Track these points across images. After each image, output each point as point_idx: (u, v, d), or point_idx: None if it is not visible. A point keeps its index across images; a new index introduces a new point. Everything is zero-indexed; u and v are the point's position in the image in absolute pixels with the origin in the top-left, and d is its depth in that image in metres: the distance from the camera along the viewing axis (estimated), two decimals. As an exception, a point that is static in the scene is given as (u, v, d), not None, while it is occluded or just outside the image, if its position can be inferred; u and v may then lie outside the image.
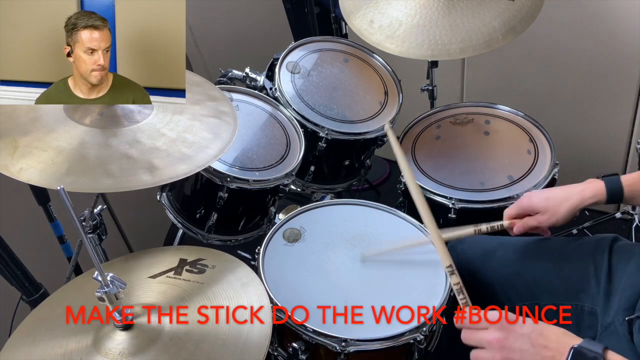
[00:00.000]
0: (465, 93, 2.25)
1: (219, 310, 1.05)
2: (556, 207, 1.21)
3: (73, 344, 1.00)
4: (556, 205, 1.21)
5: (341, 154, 1.70)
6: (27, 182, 1.04)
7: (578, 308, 1.22)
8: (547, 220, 1.23)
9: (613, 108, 2.04)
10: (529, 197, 1.26)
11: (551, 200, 1.23)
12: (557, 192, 1.24)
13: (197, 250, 1.20)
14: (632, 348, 1.07)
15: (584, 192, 1.20)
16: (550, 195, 1.24)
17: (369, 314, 1.20)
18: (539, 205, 1.24)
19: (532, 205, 1.25)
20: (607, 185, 1.18)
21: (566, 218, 1.21)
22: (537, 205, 1.24)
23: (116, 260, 1.22)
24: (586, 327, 1.21)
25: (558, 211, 1.21)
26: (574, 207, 1.20)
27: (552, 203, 1.22)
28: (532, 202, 1.25)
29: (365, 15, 1.63)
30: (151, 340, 0.98)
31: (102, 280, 0.93)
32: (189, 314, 1.04)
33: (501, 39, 1.51)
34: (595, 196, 1.19)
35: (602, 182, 1.19)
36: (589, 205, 1.21)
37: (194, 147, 1.16)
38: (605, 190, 1.18)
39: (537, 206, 1.24)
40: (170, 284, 1.12)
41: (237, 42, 2.43)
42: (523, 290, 1.29)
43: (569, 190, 1.22)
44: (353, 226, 1.39)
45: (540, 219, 1.23)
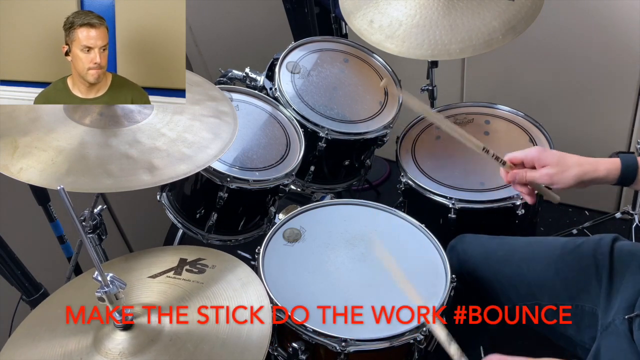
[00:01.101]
0: (465, 93, 2.25)
1: (219, 310, 1.05)
2: (568, 166, 1.15)
3: (73, 344, 1.00)
4: (569, 164, 1.15)
5: (341, 154, 1.70)
6: (27, 182, 1.04)
7: (578, 308, 1.22)
8: (552, 177, 1.15)
9: (613, 108, 2.04)
10: (542, 150, 1.19)
11: (565, 158, 1.16)
12: (571, 156, 1.17)
13: (197, 250, 1.20)
14: (632, 346, 1.07)
15: (598, 163, 1.14)
16: (564, 155, 1.17)
17: (369, 314, 1.20)
18: (550, 158, 1.16)
19: (542, 157, 1.17)
20: (623, 162, 1.13)
21: (572, 182, 1.15)
22: (548, 158, 1.16)
23: (116, 260, 1.22)
24: (586, 327, 1.21)
25: (567, 171, 1.14)
26: (585, 173, 1.14)
27: (565, 161, 1.15)
28: (543, 154, 1.17)
29: (365, 15, 1.63)
30: (151, 340, 0.98)
31: (102, 280, 0.93)
32: (188, 314, 1.04)
33: (501, 39, 1.51)
34: (608, 170, 1.13)
35: (618, 159, 1.13)
36: (599, 180, 1.14)
37: (194, 147, 1.16)
38: (621, 166, 1.13)
39: (548, 159, 1.16)
40: (170, 283, 1.12)
41: (237, 42, 2.43)
42: (523, 290, 1.29)
43: (583, 158, 1.16)
44: (353, 226, 1.39)
45: (547, 172, 1.15)
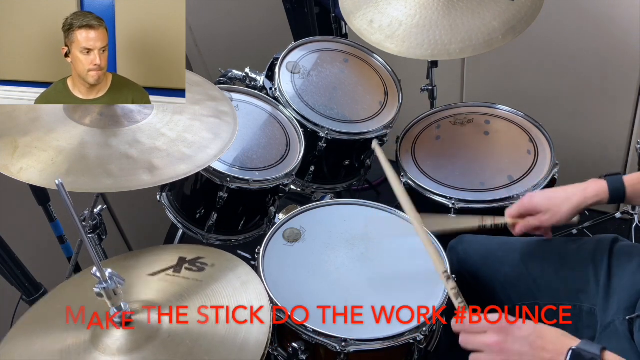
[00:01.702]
0: (465, 93, 2.25)
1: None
2: (558, 206, 1.21)
3: (71, 341, 1.00)
4: (558, 204, 1.21)
5: (341, 154, 1.70)
6: (27, 182, 1.04)
7: (577, 308, 1.22)
8: (548, 220, 1.23)
9: (613, 108, 2.04)
10: (531, 197, 1.26)
11: (553, 199, 1.22)
12: (559, 192, 1.23)
13: (197, 249, 1.20)
14: (632, 347, 1.07)
15: (586, 192, 1.19)
16: (552, 195, 1.24)
17: (369, 314, 1.20)
18: (540, 205, 1.23)
19: (533, 205, 1.25)
20: (610, 185, 1.18)
21: (568, 218, 1.21)
22: (539, 205, 1.24)
23: (115, 258, 1.22)
24: (585, 327, 1.21)
25: (560, 211, 1.21)
26: (576, 206, 1.20)
27: (554, 203, 1.22)
28: (533, 202, 1.25)
29: (365, 15, 1.63)
30: (149, 337, 0.98)
31: (100, 276, 0.93)
32: (187, 311, 1.04)
33: (501, 39, 1.51)
34: (597, 195, 1.19)
35: (605, 182, 1.18)
36: (591, 205, 1.20)
37: (194, 147, 1.16)
38: (608, 189, 1.17)
39: (539, 206, 1.24)
40: (169, 281, 1.12)
41: (237, 42, 2.43)
42: (523, 291, 1.29)
43: (570, 190, 1.22)
44: (353, 226, 1.39)
45: (542, 218, 1.23)
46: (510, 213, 1.30)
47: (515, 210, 1.29)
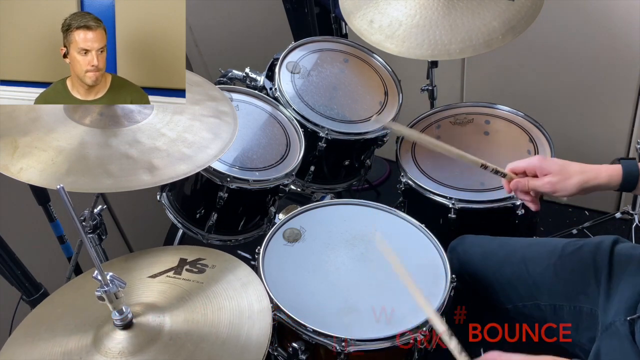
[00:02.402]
0: (465, 93, 2.25)
1: (219, 310, 1.05)
2: (570, 174, 1.14)
3: (73, 343, 1.00)
4: (571, 172, 1.14)
5: (341, 154, 1.70)
6: (27, 182, 1.04)
7: (577, 309, 1.22)
8: (554, 185, 1.15)
9: (613, 108, 2.04)
10: (543, 159, 1.19)
11: (567, 166, 1.16)
12: (573, 164, 1.17)
13: (197, 250, 1.20)
14: (633, 348, 1.07)
15: (600, 170, 1.14)
16: (566, 162, 1.17)
17: (369, 314, 1.20)
18: (552, 167, 1.16)
19: (545, 165, 1.17)
20: (625, 168, 1.12)
21: (574, 190, 1.14)
22: (551, 167, 1.16)
23: (116, 260, 1.22)
24: (585, 328, 1.21)
25: (570, 179, 1.14)
26: (587, 180, 1.13)
27: (567, 170, 1.15)
28: (545, 162, 1.17)
29: (365, 15, 1.63)
30: (151, 340, 0.98)
31: (101, 279, 0.93)
32: (188, 313, 1.04)
33: (501, 39, 1.51)
34: (610, 176, 1.13)
35: (619, 166, 1.13)
36: (601, 187, 1.14)
37: (194, 147, 1.16)
38: (622, 173, 1.12)
39: (550, 167, 1.16)
40: (170, 283, 1.12)
41: (237, 42, 2.43)
42: (523, 291, 1.29)
43: (584, 165, 1.16)
44: (353, 226, 1.39)
45: (549, 180, 1.15)
46: (514, 167, 1.21)
47: (521, 166, 1.20)
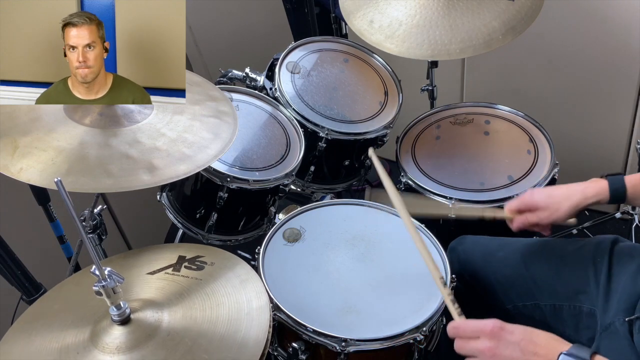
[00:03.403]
0: (465, 93, 2.25)
1: (217, 307, 1.05)
2: (558, 204, 1.21)
3: (70, 339, 1.00)
4: (558, 202, 1.21)
5: (341, 154, 1.70)
6: (27, 182, 1.04)
7: (577, 309, 1.22)
8: (547, 218, 1.22)
9: (613, 108, 2.04)
10: (531, 193, 1.26)
11: (553, 197, 1.22)
12: (560, 190, 1.23)
13: (196, 248, 1.20)
14: (632, 348, 1.07)
15: (587, 191, 1.19)
16: (552, 192, 1.24)
17: (369, 314, 1.20)
18: (540, 202, 1.23)
19: (533, 201, 1.24)
20: (611, 185, 1.17)
21: (567, 216, 1.21)
22: (539, 202, 1.23)
23: (115, 257, 1.22)
24: (584, 328, 1.21)
25: (559, 209, 1.20)
26: (576, 205, 1.19)
27: (554, 200, 1.21)
28: (533, 198, 1.24)
29: (365, 15, 1.63)
30: (148, 336, 0.98)
31: (99, 274, 0.93)
32: (187, 310, 1.04)
33: (501, 39, 1.51)
34: (597, 195, 1.18)
35: (606, 182, 1.18)
36: (591, 205, 1.20)
37: (194, 147, 1.16)
38: (609, 189, 1.17)
39: (539, 202, 1.23)
40: (168, 280, 1.12)
41: (237, 42, 2.43)
42: (523, 291, 1.29)
43: (571, 189, 1.21)
44: (353, 226, 1.39)
45: (541, 215, 1.23)
46: (509, 208, 1.29)
47: (514, 205, 1.28)
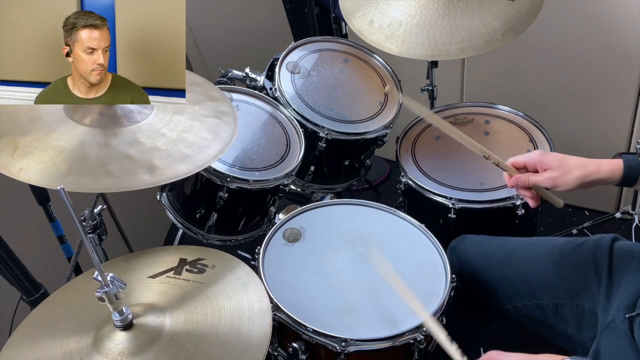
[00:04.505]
0: (465, 93, 2.25)
1: (219, 310, 1.05)
2: (570, 168, 1.14)
3: (73, 344, 1.00)
4: (571, 167, 1.14)
5: (341, 154, 1.70)
6: (27, 182, 1.04)
7: (579, 307, 1.22)
8: (555, 180, 1.14)
9: (613, 108, 2.04)
10: (543, 154, 1.18)
11: (567, 160, 1.15)
12: (574, 158, 1.17)
13: (197, 250, 1.20)
14: (632, 345, 1.07)
15: (601, 165, 1.14)
16: (566, 157, 1.17)
17: (369, 314, 1.20)
18: (552, 162, 1.16)
19: (545, 160, 1.16)
20: (626, 163, 1.13)
21: (574, 184, 1.14)
22: (551, 161, 1.16)
23: (116, 260, 1.22)
24: (587, 326, 1.21)
25: (570, 173, 1.13)
26: (587, 175, 1.13)
27: (567, 164, 1.15)
28: (546, 157, 1.17)
29: (365, 15, 1.63)
30: (151, 340, 0.98)
31: (102, 280, 0.93)
32: (189, 314, 1.04)
33: (501, 39, 1.51)
34: (611, 171, 1.13)
35: (620, 160, 1.13)
36: (602, 181, 1.14)
37: (194, 147, 1.16)
38: (623, 167, 1.12)
39: (551, 162, 1.16)
40: (170, 283, 1.12)
41: (237, 42, 2.43)
42: (524, 291, 1.29)
43: (585, 159, 1.16)
44: (353, 226, 1.39)
45: (549, 175, 1.15)
46: (514, 161, 1.22)
47: (521, 161, 1.20)
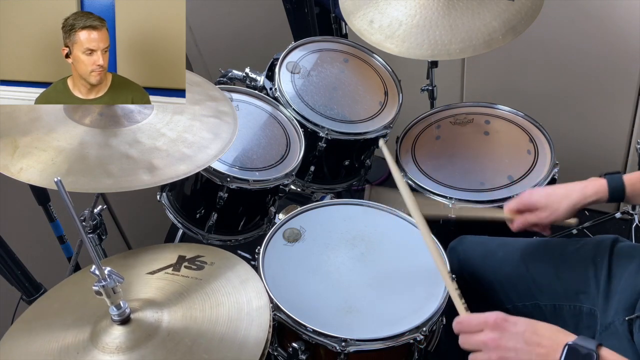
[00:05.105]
0: (465, 93, 2.25)
1: (217, 307, 1.05)
2: (557, 203, 1.21)
3: (70, 338, 1.00)
4: (557, 201, 1.21)
5: (341, 154, 1.70)
6: (27, 182, 1.04)
7: (577, 309, 1.22)
8: (547, 217, 1.22)
9: (613, 108, 2.04)
10: (530, 193, 1.26)
11: (552, 196, 1.22)
12: (558, 189, 1.23)
13: (196, 248, 1.20)
14: (632, 347, 1.07)
15: (586, 190, 1.19)
16: (551, 192, 1.24)
17: (369, 314, 1.20)
18: (539, 202, 1.23)
19: (532, 201, 1.24)
20: (610, 184, 1.17)
21: (566, 215, 1.21)
22: (538, 201, 1.23)
23: (115, 256, 1.22)
24: (585, 327, 1.21)
25: (559, 208, 1.20)
26: (575, 204, 1.19)
27: (553, 199, 1.21)
28: (532, 198, 1.24)
29: (365, 15, 1.63)
30: (148, 335, 0.98)
31: (99, 274, 0.93)
32: (187, 309, 1.04)
33: (501, 39, 1.51)
34: (596, 193, 1.18)
35: (605, 180, 1.18)
36: (590, 204, 1.19)
37: (194, 147, 1.16)
38: (608, 188, 1.17)
39: (538, 202, 1.23)
40: (168, 280, 1.12)
41: (237, 42, 2.43)
42: (523, 291, 1.29)
43: (570, 188, 1.21)
44: (353, 226, 1.39)
45: (540, 215, 1.23)
46: (508, 208, 1.29)
47: (513, 206, 1.28)
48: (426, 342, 1.20)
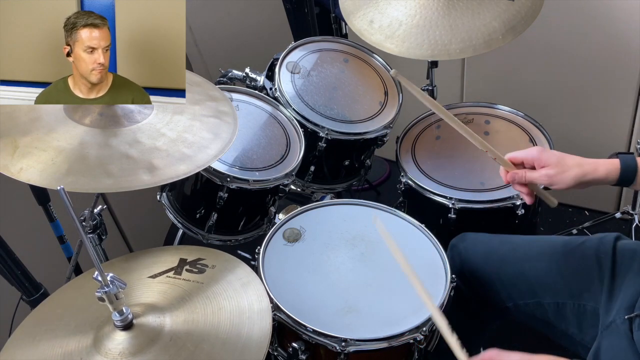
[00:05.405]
0: (465, 93, 2.25)
1: (219, 310, 1.06)
2: (568, 167, 1.14)
3: (73, 344, 1.00)
4: (568, 165, 1.14)
5: (341, 154, 1.70)
6: (27, 182, 1.04)
7: (580, 307, 1.22)
8: (551, 177, 1.14)
9: (613, 108, 2.04)
10: (541, 150, 1.18)
11: (565, 159, 1.15)
12: (571, 157, 1.17)
13: (197, 250, 1.20)
14: (632, 346, 1.07)
15: (598, 164, 1.14)
16: (564, 155, 1.17)
17: (369, 314, 1.20)
18: (550, 159, 1.15)
19: (542, 157, 1.16)
20: (622, 163, 1.13)
21: (571, 183, 1.14)
22: (549, 159, 1.16)
23: (116, 260, 1.22)
24: (589, 326, 1.21)
25: (567, 172, 1.14)
26: (584, 174, 1.13)
27: (565, 162, 1.15)
28: (543, 155, 1.17)
29: (365, 15, 1.63)
30: (151, 340, 0.98)
31: (102, 280, 0.93)
32: (189, 314, 1.04)
33: (501, 39, 1.51)
34: (608, 170, 1.13)
35: (617, 160, 1.13)
36: (599, 180, 1.14)
37: (194, 147, 1.16)
38: (620, 167, 1.12)
39: (548, 159, 1.16)
40: (170, 283, 1.12)
41: (237, 42, 2.43)
42: (525, 289, 1.29)
43: (582, 159, 1.16)
44: (353, 226, 1.39)
45: (546, 173, 1.15)
46: (512, 157, 1.21)
47: (519, 157, 1.20)
48: (426, 342, 1.20)
